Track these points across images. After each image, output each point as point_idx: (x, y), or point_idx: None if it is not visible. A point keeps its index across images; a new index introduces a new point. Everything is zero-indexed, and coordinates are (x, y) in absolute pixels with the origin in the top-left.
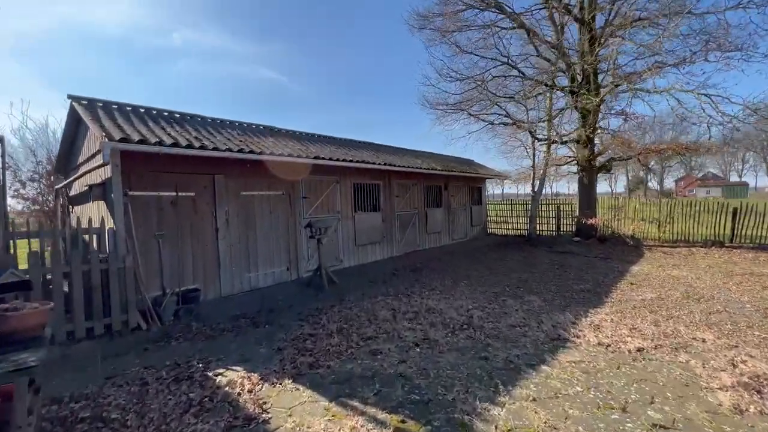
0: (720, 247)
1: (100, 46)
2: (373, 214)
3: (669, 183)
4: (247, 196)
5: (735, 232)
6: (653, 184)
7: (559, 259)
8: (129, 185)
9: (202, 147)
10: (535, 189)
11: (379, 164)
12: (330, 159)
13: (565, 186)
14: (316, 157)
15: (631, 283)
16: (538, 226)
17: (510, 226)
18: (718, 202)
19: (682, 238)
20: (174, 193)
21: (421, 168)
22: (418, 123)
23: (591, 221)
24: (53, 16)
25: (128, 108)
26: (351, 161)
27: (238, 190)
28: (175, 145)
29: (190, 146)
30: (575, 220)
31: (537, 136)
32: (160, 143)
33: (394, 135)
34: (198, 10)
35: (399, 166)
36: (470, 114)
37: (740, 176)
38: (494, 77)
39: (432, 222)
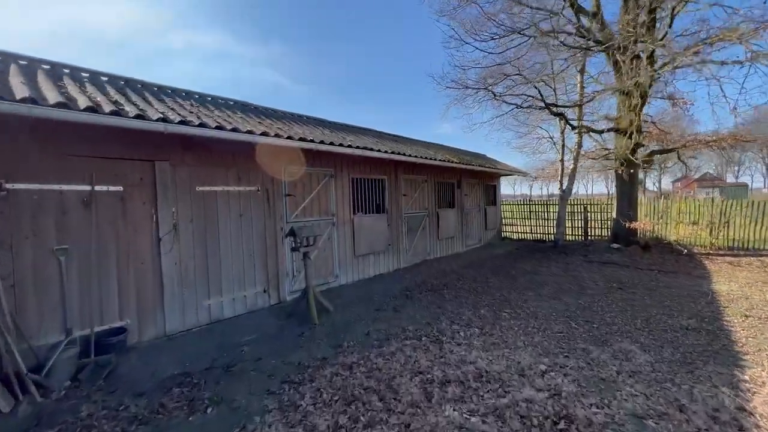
0: None
1: (97, 47)
2: (377, 217)
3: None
4: (205, 193)
5: None
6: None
7: (608, 273)
8: (4, 173)
9: (116, 113)
10: (564, 187)
11: (385, 152)
12: (321, 143)
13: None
14: (301, 140)
15: (745, 315)
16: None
17: (527, 230)
18: None
19: (740, 245)
20: (88, 187)
21: (435, 159)
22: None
23: (633, 225)
24: (52, 16)
25: (44, 65)
26: (350, 147)
27: (193, 183)
28: (63, 106)
29: (93, 111)
30: (611, 223)
31: (571, 122)
32: (34, 101)
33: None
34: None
35: (409, 155)
36: (494, 94)
37: (736, 177)
38: (541, 34)
39: (444, 226)
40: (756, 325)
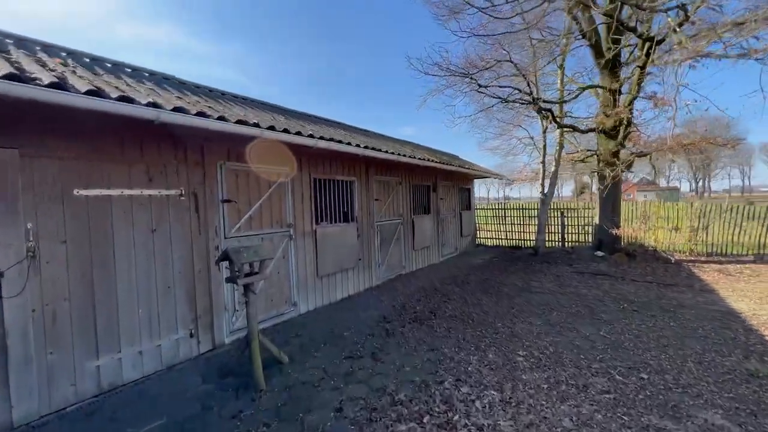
0: None
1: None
2: (345, 227)
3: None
4: (92, 200)
5: None
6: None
7: (607, 288)
8: None
9: None
10: (545, 191)
11: (357, 146)
12: (271, 129)
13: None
14: (240, 123)
15: None
16: (532, 234)
17: (502, 236)
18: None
19: (719, 251)
20: None
21: (415, 158)
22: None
23: (619, 231)
24: None
25: None
26: (311, 137)
27: (68, 185)
28: None
29: None
30: (593, 228)
31: (558, 120)
32: None
33: None
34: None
35: (386, 152)
36: (479, 85)
37: (668, 182)
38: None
39: (420, 234)
40: None
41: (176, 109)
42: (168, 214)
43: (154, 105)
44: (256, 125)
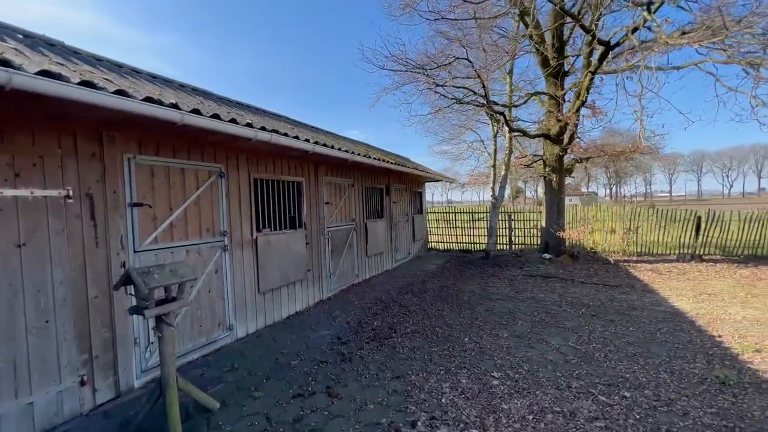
0: (700, 261)
1: None
2: (291, 234)
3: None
4: None
5: (702, 241)
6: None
7: (561, 292)
8: None
9: None
10: (495, 194)
11: (306, 141)
12: (195, 113)
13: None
14: (149, 101)
15: (756, 350)
16: (481, 237)
17: (452, 239)
18: (687, 210)
19: (647, 251)
20: None
21: (370, 157)
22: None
23: (565, 234)
24: None
25: None
26: (249, 127)
27: None
28: None
29: None
30: (539, 231)
31: (510, 124)
32: None
33: None
34: None
35: (338, 149)
36: (436, 84)
37: (587, 187)
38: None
39: (374, 240)
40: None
41: (44, 74)
42: (46, 222)
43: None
44: (175, 107)
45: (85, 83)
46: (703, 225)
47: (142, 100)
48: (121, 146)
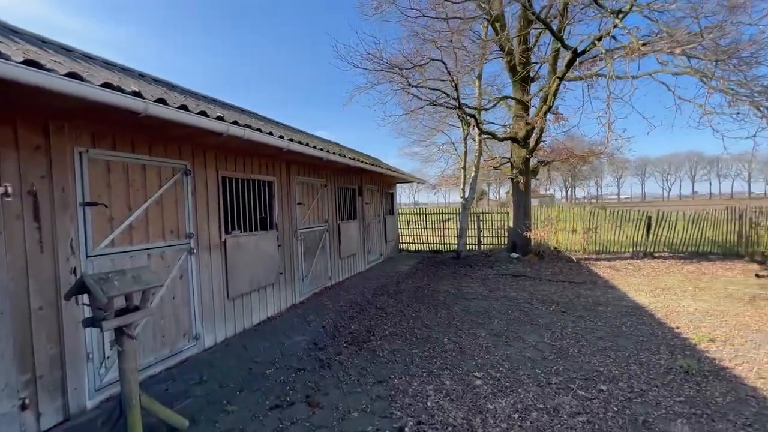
0: (651, 258)
1: None
2: (262, 236)
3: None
4: None
5: (651, 239)
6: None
7: (531, 290)
8: None
9: None
10: (466, 195)
11: (279, 137)
12: (160, 103)
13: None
14: (107, 87)
15: (711, 340)
16: (451, 238)
17: (423, 240)
18: (639, 211)
19: (605, 249)
20: None
21: (345, 156)
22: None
23: (532, 234)
24: None
25: None
26: (222, 121)
27: None
28: None
29: None
30: (507, 232)
31: (481, 127)
32: None
33: None
34: None
35: (313, 147)
36: (410, 84)
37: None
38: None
39: (347, 241)
40: (739, 354)
41: None
42: None
43: None
44: (137, 95)
45: (31, 63)
46: (653, 225)
47: (101, 85)
48: (71, 138)
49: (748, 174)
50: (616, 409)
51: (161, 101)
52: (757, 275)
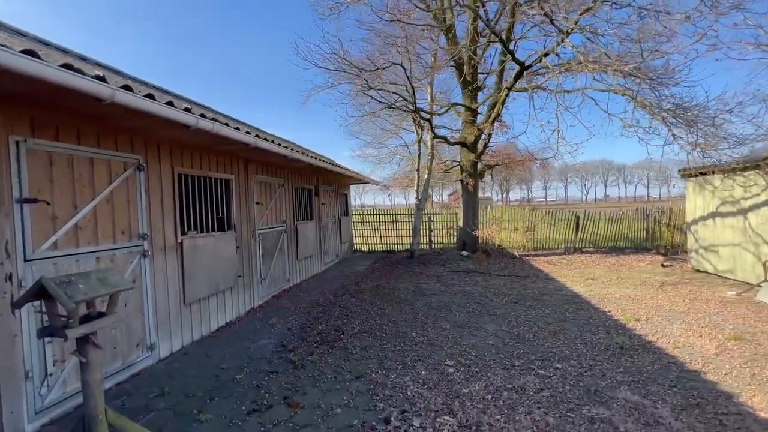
0: (580, 253)
1: None
2: (220, 237)
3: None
4: None
5: (579, 236)
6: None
7: (484, 284)
8: None
9: None
10: (420, 197)
11: (246, 133)
12: (125, 90)
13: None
14: (66, 67)
15: (636, 320)
16: (403, 238)
17: (376, 240)
18: (569, 211)
19: (542, 246)
20: None
21: (308, 155)
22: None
23: (480, 233)
24: None
25: None
26: (190, 113)
27: None
28: None
29: None
30: (457, 231)
31: (435, 131)
32: None
33: None
34: None
35: (278, 144)
36: (369, 87)
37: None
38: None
39: (304, 242)
40: (658, 330)
41: None
42: None
43: None
44: (102, 80)
45: None
46: (581, 224)
47: (61, 66)
48: (5, 126)
49: (647, 180)
50: (572, 383)
51: (127, 88)
52: (662, 265)
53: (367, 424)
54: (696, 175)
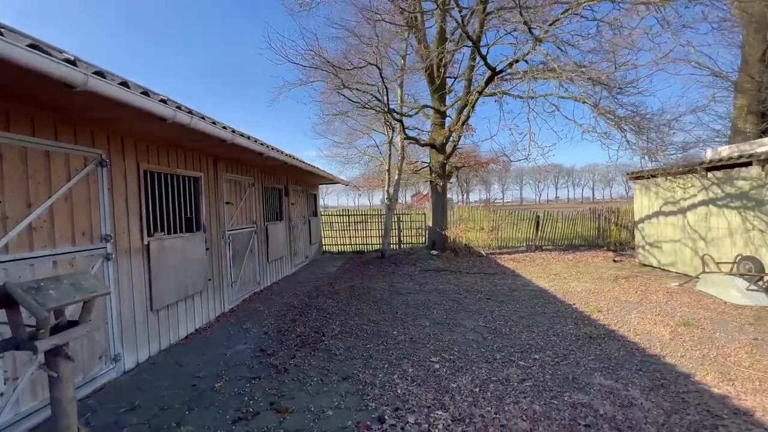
0: (541, 251)
1: None
2: (190, 238)
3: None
4: None
5: (540, 235)
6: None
7: (456, 282)
8: None
9: None
10: (390, 197)
11: (222, 129)
12: (99, 76)
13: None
14: (33, 47)
15: (598, 311)
16: (372, 239)
17: (345, 241)
18: (530, 211)
19: (506, 245)
20: None
21: (283, 153)
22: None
23: (450, 233)
24: None
25: None
26: (165, 105)
27: None
28: None
29: None
30: (426, 231)
31: (407, 132)
32: None
33: None
34: None
35: (254, 141)
36: (343, 85)
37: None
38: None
39: (275, 244)
40: (618, 319)
41: None
42: None
43: None
44: (72, 63)
45: None
46: (540, 223)
47: (28, 46)
48: None
49: (593, 183)
50: (551, 372)
51: (100, 74)
52: (614, 260)
53: (362, 424)
54: (643, 178)
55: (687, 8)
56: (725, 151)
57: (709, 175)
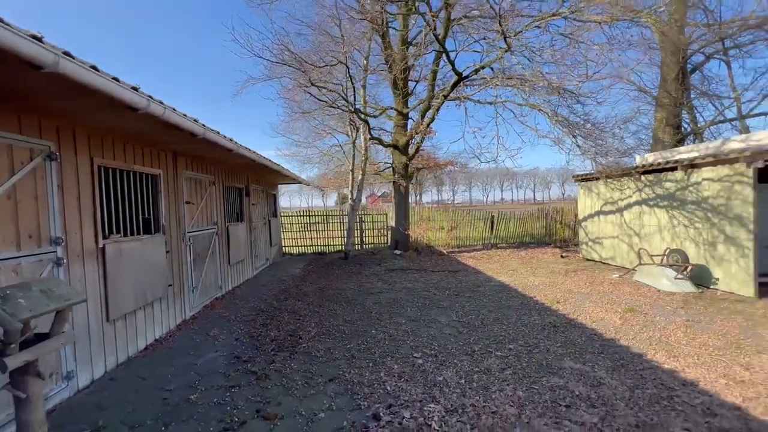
0: (496, 249)
1: None
2: (149, 240)
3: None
4: None
5: (494, 234)
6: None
7: (423, 280)
8: None
9: None
10: (354, 197)
11: (194, 122)
12: (68, 57)
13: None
14: None
15: (557, 301)
16: (334, 239)
17: (306, 243)
18: (486, 212)
19: (464, 243)
20: None
21: (249, 149)
22: None
23: (412, 232)
24: None
25: None
26: (136, 93)
27: None
28: None
29: None
30: (389, 231)
31: (372, 133)
32: None
33: None
34: None
35: (223, 136)
36: (311, 83)
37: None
38: None
39: (236, 246)
40: (576, 309)
41: None
42: None
43: None
44: (39, 40)
45: None
46: (495, 222)
47: None
48: None
49: (533, 185)
50: (526, 360)
51: (68, 54)
52: (561, 256)
53: (358, 423)
54: (586, 180)
55: (628, 28)
56: (651, 157)
57: (643, 177)
